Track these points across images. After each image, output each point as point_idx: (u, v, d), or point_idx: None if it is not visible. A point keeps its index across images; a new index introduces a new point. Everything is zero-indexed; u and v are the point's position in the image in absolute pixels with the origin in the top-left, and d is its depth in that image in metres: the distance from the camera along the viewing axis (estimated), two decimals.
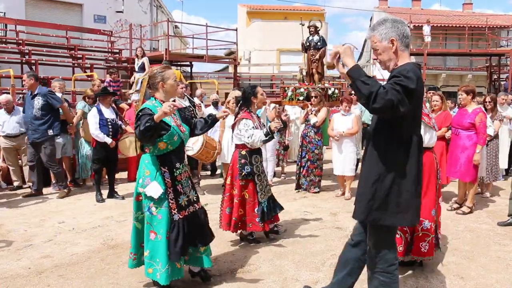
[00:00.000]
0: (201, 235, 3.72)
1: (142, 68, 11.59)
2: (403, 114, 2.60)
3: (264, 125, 5.20)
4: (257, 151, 4.95)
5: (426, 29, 21.92)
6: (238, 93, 7.76)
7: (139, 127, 3.30)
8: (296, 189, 7.82)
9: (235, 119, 4.98)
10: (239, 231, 5.01)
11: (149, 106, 3.53)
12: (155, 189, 3.52)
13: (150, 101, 3.65)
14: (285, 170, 9.53)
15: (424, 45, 21.84)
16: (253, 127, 4.73)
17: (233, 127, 4.99)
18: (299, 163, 7.77)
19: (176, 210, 3.58)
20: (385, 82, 2.71)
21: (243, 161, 4.82)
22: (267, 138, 4.64)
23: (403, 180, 2.76)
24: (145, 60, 11.76)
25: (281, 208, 5.21)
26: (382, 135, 2.81)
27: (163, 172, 3.57)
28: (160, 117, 3.33)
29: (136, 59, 12.09)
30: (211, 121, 4.07)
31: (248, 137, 4.71)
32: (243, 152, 4.85)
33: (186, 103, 7.19)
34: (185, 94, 7.60)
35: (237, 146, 4.96)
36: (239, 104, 5.13)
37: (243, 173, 4.79)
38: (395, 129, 2.75)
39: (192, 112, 7.08)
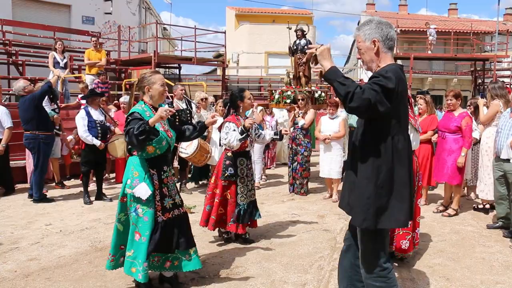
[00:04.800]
0: (183, 239, 3.72)
1: (65, 65, 10.70)
2: (384, 114, 2.57)
3: (257, 128, 5.27)
4: (244, 154, 5.00)
5: (431, 31, 21.84)
6: (204, 95, 7.84)
7: (132, 131, 3.29)
8: (290, 191, 7.85)
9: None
10: (217, 229, 5.10)
11: (138, 110, 3.53)
12: (144, 190, 3.53)
13: (139, 104, 3.66)
14: (266, 172, 9.54)
15: (429, 48, 21.91)
16: (233, 130, 4.79)
17: (219, 129, 5.08)
18: (291, 165, 7.81)
19: (160, 212, 3.60)
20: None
21: (227, 162, 4.93)
22: (242, 136, 4.70)
23: (392, 182, 2.68)
24: (67, 57, 11.04)
25: (260, 216, 5.22)
26: (368, 137, 2.75)
27: (152, 174, 3.60)
28: (156, 121, 3.38)
29: (55, 54, 10.52)
30: (199, 127, 4.08)
31: (224, 139, 4.80)
32: (229, 154, 4.96)
33: (183, 105, 7.19)
34: (184, 96, 7.61)
35: (225, 148, 5.02)
36: (227, 107, 5.18)
37: (226, 174, 4.90)
38: (380, 131, 2.69)
39: (189, 115, 7.12)
